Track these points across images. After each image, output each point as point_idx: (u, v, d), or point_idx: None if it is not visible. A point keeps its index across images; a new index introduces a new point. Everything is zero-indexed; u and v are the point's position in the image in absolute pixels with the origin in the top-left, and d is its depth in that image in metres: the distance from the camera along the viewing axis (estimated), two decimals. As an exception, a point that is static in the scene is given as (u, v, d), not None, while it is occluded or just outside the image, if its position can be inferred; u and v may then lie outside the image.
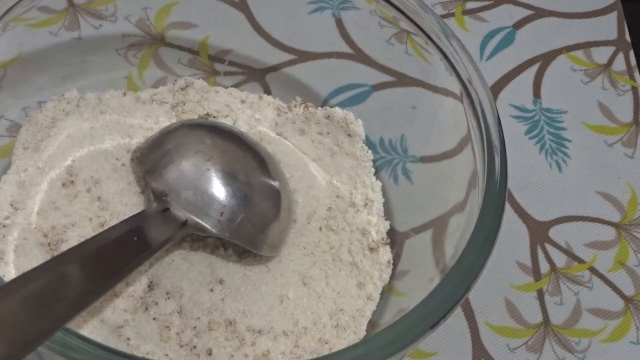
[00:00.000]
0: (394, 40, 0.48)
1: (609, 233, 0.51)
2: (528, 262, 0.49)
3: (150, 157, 0.43)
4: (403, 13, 0.45)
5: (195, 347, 0.40)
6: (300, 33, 0.52)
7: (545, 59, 0.57)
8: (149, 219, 0.40)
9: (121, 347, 0.39)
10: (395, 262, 0.45)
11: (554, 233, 0.50)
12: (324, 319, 0.42)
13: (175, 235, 0.40)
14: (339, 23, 0.52)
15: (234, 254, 0.43)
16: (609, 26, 0.59)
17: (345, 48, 0.51)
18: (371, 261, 0.45)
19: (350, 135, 0.48)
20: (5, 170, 0.44)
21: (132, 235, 0.38)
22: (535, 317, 0.47)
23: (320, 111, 0.48)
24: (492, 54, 0.56)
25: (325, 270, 0.44)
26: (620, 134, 0.54)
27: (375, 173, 0.48)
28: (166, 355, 0.39)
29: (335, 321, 0.43)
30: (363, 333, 0.43)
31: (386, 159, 0.48)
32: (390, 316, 0.43)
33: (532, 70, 0.56)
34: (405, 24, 0.45)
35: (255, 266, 0.43)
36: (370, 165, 0.48)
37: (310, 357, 0.40)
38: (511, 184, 0.51)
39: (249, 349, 0.41)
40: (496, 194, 0.39)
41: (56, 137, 0.45)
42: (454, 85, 0.43)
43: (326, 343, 0.42)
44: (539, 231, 0.50)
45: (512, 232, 0.50)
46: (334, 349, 0.42)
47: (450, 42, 0.43)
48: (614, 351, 0.47)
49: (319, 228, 0.45)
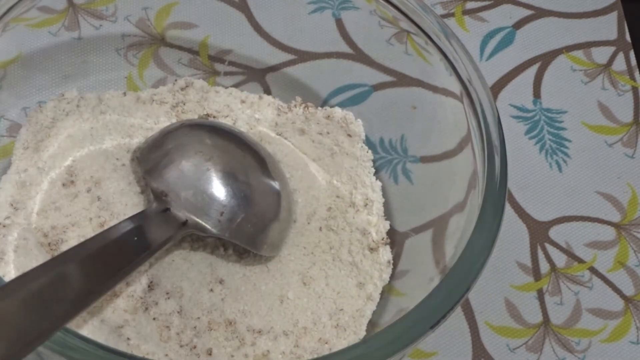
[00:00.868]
0: (394, 40, 0.48)
1: (609, 233, 0.51)
2: (528, 262, 0.49)
3: (150, 157, 0.43)
4: (403, 13, 0.45)
5: (195, 347, 0.40)
6: (300, 33, 0.52)
7: (545, 59, 0.57)
8: (149, 219, 0.40)
9: (121, 347, 0.39)
10: (395, 262, 0.45)
11: (554, 233, 0.50)
12: (324, 319, 0.42)
13: (175, 235, 0.40)
14: (339, 23, 0.52)
15: (234, 254, 0.43)
16: (609, 26, 0.59)
17: (345, 48, 0.51)
18: (371, 261, 0.45)
19: (350, 135, 0.48)
20: (5, 170, 0.44)
21: (132, 235, 0.38)
22: (535, 317, 0.47)
23: (320, 111, 0.48)
24: (492, 54, 0.56)
25: (325, 271, 0.44)
26: (621, 134, 0.54)
27: (375, 173, 0.48)
28: (166, 355, 0.39)
29: (335, 321, 0.43)
30: (363, 333, 0.43)
31: (386, 159, 0.48)
32: (390, 316, 0.43)
33: (532, 71, 0.56)
34: (405, 24, 0.45)
35: (255, 266, 0.43)
36: (370, 165, 0.48)
37: (310, 357, 0.40)
38: (511, 184, 0.51)
39: (249, 349, 0.41)
40: (496, 194, 0.39)
41: (56, 137, 0.45)
42: (454, 85, 0.43)
43: (326, 343, 0.42)
44: (539, 231, 0.50)
45: (512, 232, 0.50)
46: (334, 349, 0.42)
47: (450, 42, 0.43)
48: (613, 351, 0.47)
49: (319, 228, 0.45)
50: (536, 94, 0.55)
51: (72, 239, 0.42)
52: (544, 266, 0.49)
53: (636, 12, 0.60)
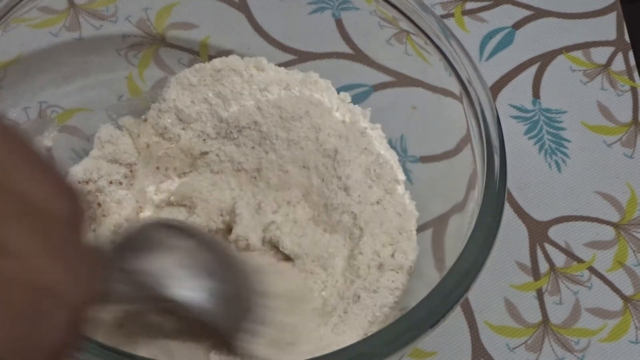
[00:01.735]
0: (394, 40, 0.48)
1: (608, 233, 0.51)
2: (527, 262, 0.49)
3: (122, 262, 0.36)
4: (403, 13, 0.45)
5: None
6: (300, 33, 0.52)
7: (545, 59, 0.57)
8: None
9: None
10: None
11: (554, 233, 0.50)
12: None
13: (135, 299, 0.35)
14: (339, 23, 0.52)
15: None
16: (608, 26, 0.59)
17: (345, 48, 0.51)
18: None
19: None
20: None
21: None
22: (535, 317, 0.48)
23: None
24: (492, 54, 0.57)
25: None
26: (620, 134, 0.54)
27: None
28: None
29: None
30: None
31: (386, 159, 0.48)
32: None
33: (532, 71, 0.56)
34: (405, 24, 0.45)
35: None
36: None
37: None
38: (511, 184, 0.51)
39: None
40: (496, 194, 0.39)
41: None
42: (454, 85, 0.43)
43: None
44: (538, 231, 0.50)
45: (512, 232, 0.50)
46: None
47: (449, 43, 0.43)
48: (613, 350, 0.47)
49: None
50: (535, 94, 0.55)
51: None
52: (544, 266, 0.49)
53: (635, 13, 0.60)
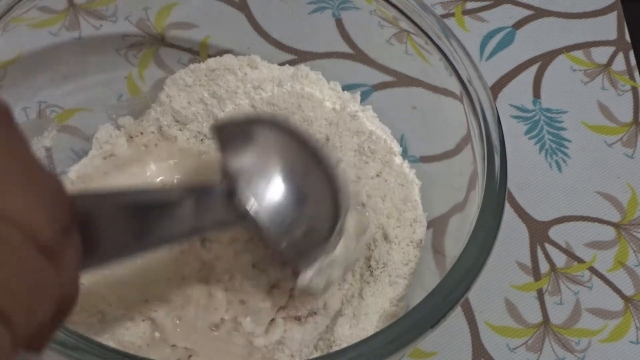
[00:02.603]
0: (394, 40, 0.48)
1: (608, 233, 0.51)
2: (528, 262, 0.49)
3: (231, 135, 0.40)
4: (403, 13, 0.45)
5: None
6: (300, 33, 0.52)
7: (545, 59, 0.57)
8: (212, 196, 0.37)
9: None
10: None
11: (554, 233, 0.50)
12: None
13: (230, 224, 0.38)
14: (339, 23, 0.52)
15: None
16: (609, 26, 0.59)
17: (345, 48, 0.51)
18: None
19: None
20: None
21: (190, 204, 0.35)
22: (535, 317, 0.47)
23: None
24: (492, 54, 0.56)
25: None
26: (620, 134, 0.54)
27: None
28: None
29: None
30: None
31: (386, 159, 0.48)
32: (390, 316, 0.43)
33: (532, 70, 0.56)
34: (405, 24, 0.45)
35: None
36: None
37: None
38: (511, 184, 0.50)
39: None
40: (496, 194, 0.39)
41: None
42: (454, 85, 0.43)
43: None
44: (538, 231, 0.50)
45: (512, 232, 0.50)
46: None
47: (450, 42, 0.43)
48: (613, 351, 0.47)
49: None
50: (536, 94, 0.55)
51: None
52: (544, 266, 0.49)
53: (636, 12, 0.60)
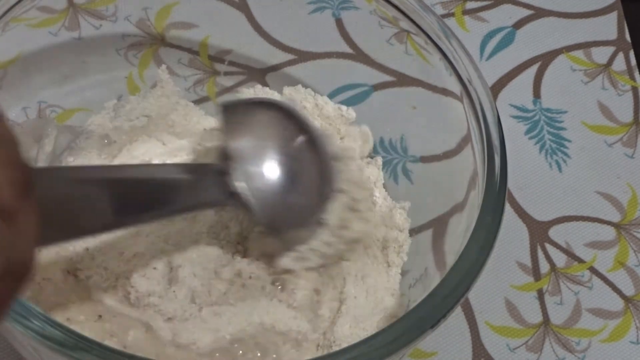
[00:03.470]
0: (394, 40, 0.48)
1: (608, 233, 0.51)
2: (528, 262, 0.49)
3: (235, 115, 0.42)
4: (403, 13, 0.44)
5: None
6: (300, 33, 0.52)
7: (545, 59, 0.57)
8: (205, 174, 0.39)
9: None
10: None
11: (554, 233, 0.50)
12: None
13: (220, 202, 0.40)
14: (339, 23, 0.52)
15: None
16: (609, 26, 0.59)
17: (345, 48, 0.51)
18: None
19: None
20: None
21: (183, 182, 0.37)
22: (535, 317, 0.47)
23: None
24: (492, 54, 0.56)
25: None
26: (620, 134, 0.54)
27: (376, 173, 0.48)
28: None
29: None
30: None
31: (386, 159, 0.48)
32: (390, 316, 0.43)
33: (532, 70, 0.56)
34: (405, 24, 0.45)
35: None
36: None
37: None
38: (511, 184, 0.51)
39: None
40: (496, 194, 0.38)
41: None
42: (454, 85, 0.43)
43: None
44: (538, 231, 0.50)
45: (512, 232, 0.50)
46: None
47: (450, 42, 0.43)
48: (613, 351, 0.47)
49: None
50: (536, 94, 0.55)
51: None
52: (544, 266, 0.49)
53: (636, 12, 0.60)
